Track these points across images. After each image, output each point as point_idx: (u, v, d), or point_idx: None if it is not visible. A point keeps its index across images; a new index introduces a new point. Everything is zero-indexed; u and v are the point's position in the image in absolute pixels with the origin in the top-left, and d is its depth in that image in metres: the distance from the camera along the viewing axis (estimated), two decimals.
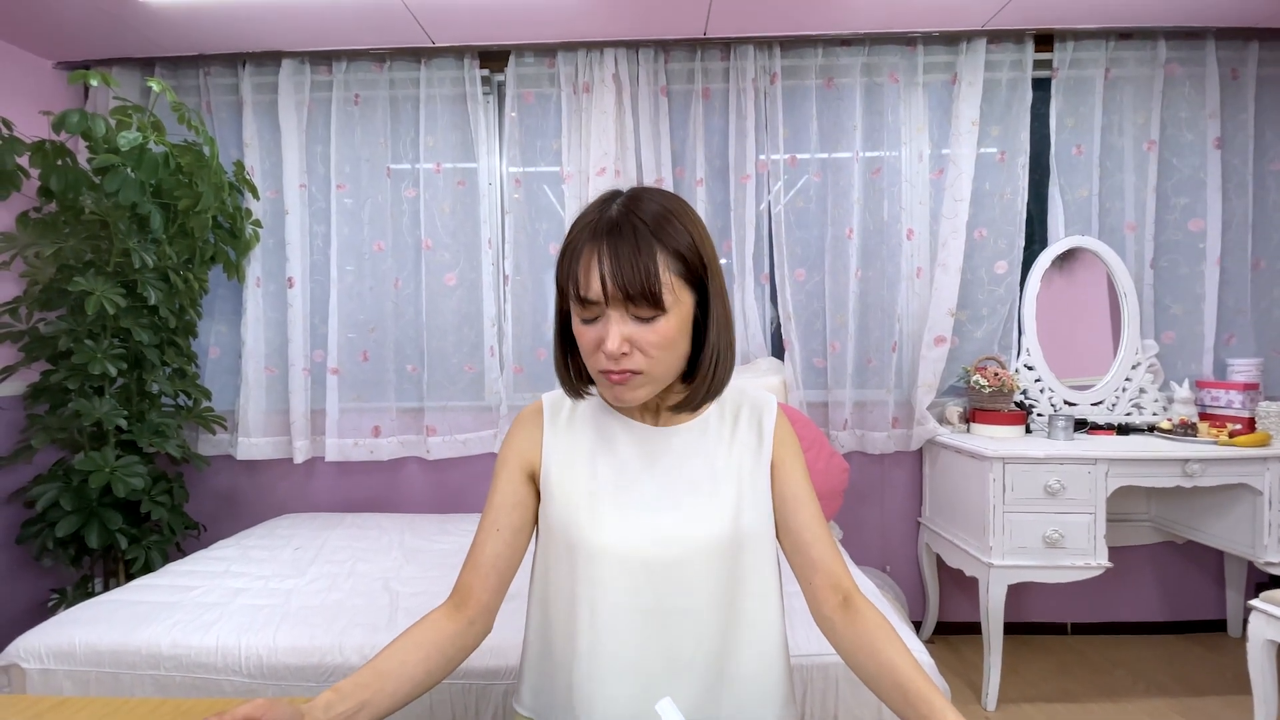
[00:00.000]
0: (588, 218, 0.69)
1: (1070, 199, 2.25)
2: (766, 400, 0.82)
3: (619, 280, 0.64)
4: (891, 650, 0.66)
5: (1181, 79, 2.23)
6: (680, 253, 0.67)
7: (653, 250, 0.65)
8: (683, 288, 0.68)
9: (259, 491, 2.43)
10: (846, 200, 2.26)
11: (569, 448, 0.78)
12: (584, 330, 0.69)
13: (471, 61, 2.31)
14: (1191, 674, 2.07)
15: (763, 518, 0.76)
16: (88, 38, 2.19)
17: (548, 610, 0.77)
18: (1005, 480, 1.84)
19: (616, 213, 0.67)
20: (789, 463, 0.78)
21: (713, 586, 0.72)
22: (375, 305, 2.35)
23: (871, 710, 1.26)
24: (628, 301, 0.65)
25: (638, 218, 0.66)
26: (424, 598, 1.54)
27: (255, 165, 2.34)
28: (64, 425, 1.93)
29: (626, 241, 0.65)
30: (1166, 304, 2.25)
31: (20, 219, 1.97)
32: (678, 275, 0.67)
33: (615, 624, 0.71)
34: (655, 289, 0.64)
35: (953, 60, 2.24)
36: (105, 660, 1.33)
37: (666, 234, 0.66)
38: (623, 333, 0.66)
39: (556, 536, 0.75)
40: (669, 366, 0.70)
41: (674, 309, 0.67)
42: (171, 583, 1.64)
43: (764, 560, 0.76)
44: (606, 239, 0.65)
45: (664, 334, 0.67)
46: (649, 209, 0.67)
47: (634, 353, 0.67)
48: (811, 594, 0.74)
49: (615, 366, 0.67)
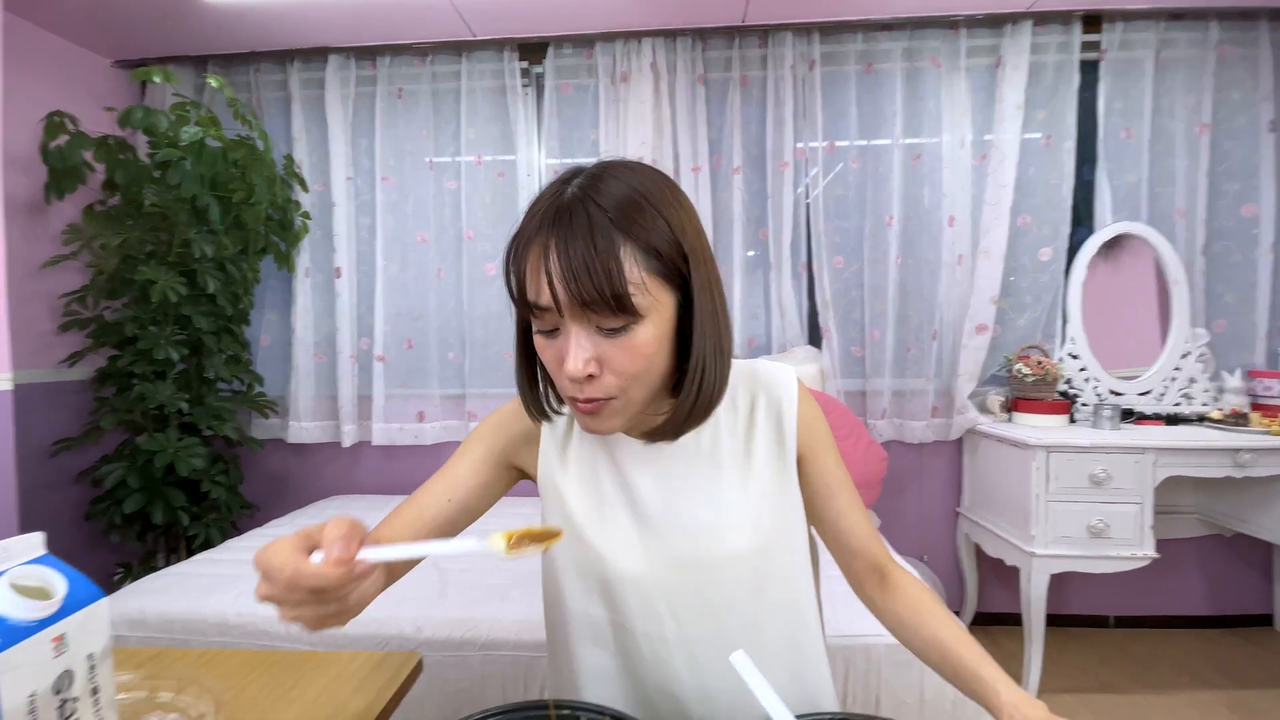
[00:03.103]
0: (539, 203, 0.55)
1: (1118, 184, 2.20)
2: (784, 381, 0.70)
3: (571, 285, 0.50)
4: (937, 625, 0.63)
5: (1234, 61, 2.16)
6: (653, 246, 0.53)
7: (614, 244, 0.51)
8: (660, 287, 0.55)
9: (308, 474, 2.52)
10: (886, 187, 2.24)
11: (571, 458, 0.69)
12: (543, 344, 0.57)
13: (511, 54, 2.34)
14: (1237, 667, 2.03)
15: (791, 518, 0.69)
16: (145, 36, 2.27)
17: (566, 627, 0.70)
18: (1049, 469, 1.82)
19: (571, 196, 0.53)
20: (818, 450, 0.70)
21: (739, 593, 0.65)
22: (419, 295, 2.41)
23: (914, 691, 1.27)
24: (587, 310, 0.52)
25: (595, 203, 0.52)
26: (471, 574, 1.59)
27: (303, 159, 2.41)
28: (129, 408, 2.02)
29: (579, 233, 0.51)
30: (1218, 291, 2.19)
31: (86, 211, 2.07)
32: (652, 273, 0.54)
33: (638, 643, 0.65)
34: (620, 291, 0.51)
35: (997, 43, 2.20)
36: (176, 628, 1.41)
37: (634, 223, 0.53)
38: (586, 351, 0.53)
39: (564, 554, 0.68)
40: (649, 386, 0.58)
41: (651, 315, 0.54)
42: (233, 557, 1.73)
43: (795, 556, 0.69)
44: (555, 230, 0.52)
45: (638, 349, 0.54)
46: (612, 191, 0.53)
47: (603, 374, 0.55)
48: (853, 578, 0.73)
49: (581, 394, 0.55)
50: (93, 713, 0.45)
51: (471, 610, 1.39)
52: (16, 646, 0.39)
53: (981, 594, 2.34)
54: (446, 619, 1.37)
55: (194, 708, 0.63)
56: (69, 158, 1.97)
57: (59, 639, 0.42)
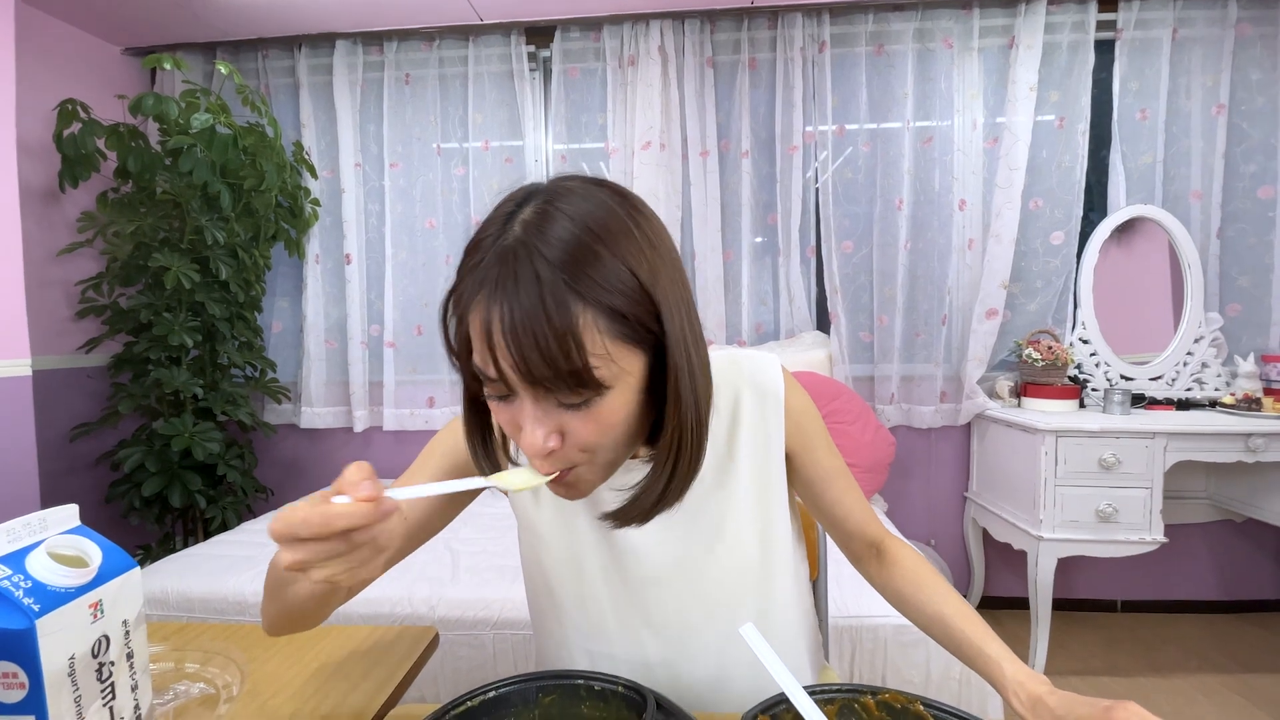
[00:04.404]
0: (485, 238, 0.46)
1: (1132, 166, 2.18)
2: (770, 374, 0.65)
3: (521, 365, 0.43)
4: (938, 601, 0.64)
5: (1253, 39, 2.12)
6: (613, 308, 0.45)
7: (569, 313, 0.43)
8: (627, 353, 0.47)
9: (321, 458, 2.56)
10: (896, 171, 2.23)
11: (540, 494, 0.66)
12: (497, 407, 0.49)
13: (518, 38, 2.33)
14: (1247, 652, 2.03)
15: (778, 519, 0.67)
16: (154, 23, 2.28)
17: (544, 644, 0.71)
18: (1058, 453, 1.82)
19: (515, 240, 0.44)
20: (808, 443, 0.67)
21: (720, 617, 0.65)
22: (428, 281, 2.43)
23: (920, 670, 1.29)
24: (541, 386, 0.45)
25: (544, 257, 0.43)
26: (482, 556, 1.62)
27: (312, 145, 2.42)
28: (146, 393, 2.06)
29: (527, 300, 0.42)
30: (1233, 275, 2.17)
31: (100, 199, 2.09)
32: (617, 339, 0.46)
33: (616, 670, 0.62)
34: (578, 367, 0.44)
35: (1010, 23, 2.17)
36: (196, 606, 1.45)
37: (591, 281, 0.44)
38: (545, 425, 0.47)
39: (539, 585, 0.69)
40: (620, 448, 0.51)
41: (617, 384, 0.47)
42: (249, 539, 1.76)
43: (778, 565, 0.67)
44: (499, 294, 0.43)
45: (603, 419, 0.47)
46: (563, 237, 0.44)
47: (565, 445, 0.48)
48: (851, 555, 0.74)
49: (543, 471, 0.49)
50: (128, 675, 0.47)
51: (483, 590, 1.42)
52: (56, 611, 0.41)
53: (988, 578, 2.35)
54: (460, 599, 1.40)
55: (219, 678, 0.66)
56: (82, 145, 1.98)
57: (95, 605, 0.44)
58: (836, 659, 1.29)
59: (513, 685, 0.54)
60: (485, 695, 0.52)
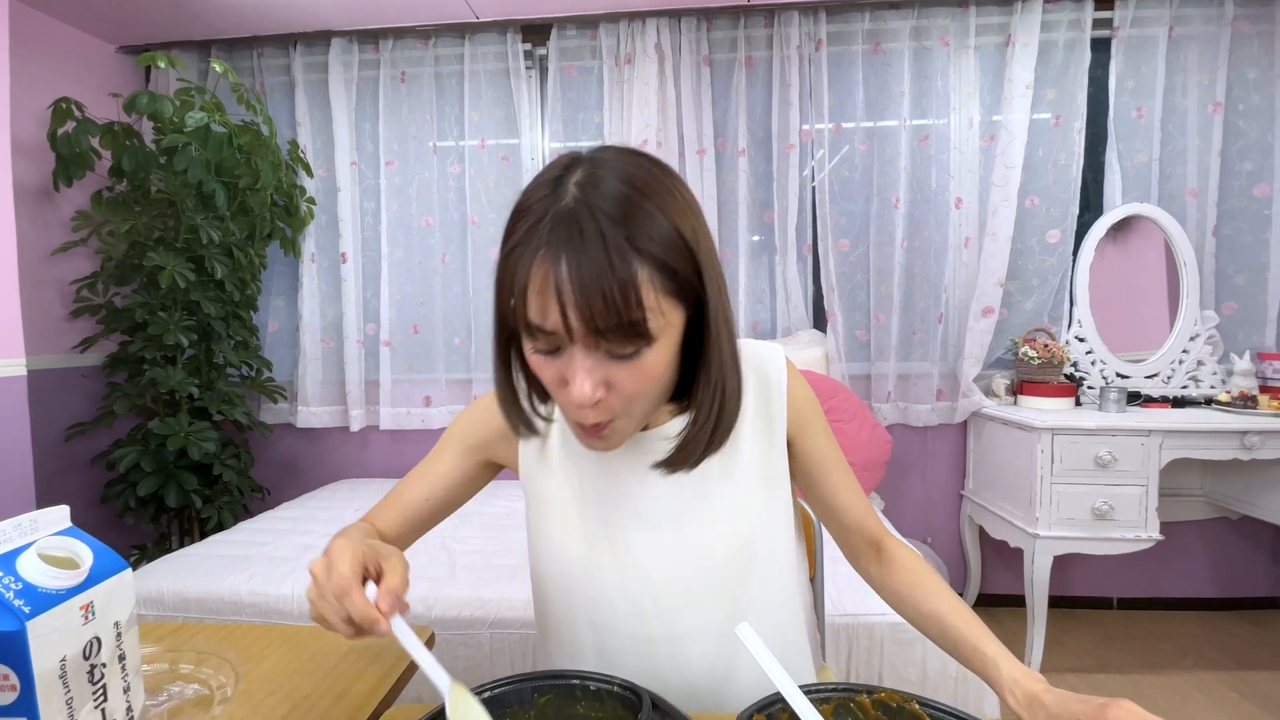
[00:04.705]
0: (534, 204, 0.49)
1: (1129, 164, 2.18)
2: (774, 361, 0.68)
3: (585, 312, 0.46)
4: (935, 599, 0.63)
5: (1249, 37, 2.12)
6: (665, 262, 0.49)
7: (631, 266, 0.46)
8: (673, 307, 0.51)
9: (317, 458, 2.55)
10: (893, 169, 2.23)
11: (551, 463, 0.68)
12: (541, 363, 0.52)
13: (514, 36, 2.33)
14: (1242, 649, 2.04)
15: (780, 507, 0.68)
16: (148, 21, 2.27)
17: (547, 604, 0.71)
18: (1054, 451, 1.83)
19: (574, 201, 0.48)
20: (808, 431, 0.68)
21: (723, 595, 0.65)
22: (424, 280, 2.42)
23: (916, 669, 1.29)
24: (599, 336, 0.48)
25: (605, 214, 0.47)
26: (479, 555, 1.61)
27: (307, 144, 2.41)
28: (141, 392, 2.05)
29: (592, 253, 0.46)
30: (1228, 273, 2.18)
31: (94, 198, 2.08)
32: (666, 293, 0.49)
33: (619, 646, 0.66)
34: (636, 318, 0.47)
35: (1007, 21, 2.17)
36: (191, 606, 1.44)
37: (643, 234, 0.47)
38: (595, 376, 0.50)
39: (545, 557, 0.69)
40: (653, 402, 0.56)
41: (662, 336, 0.50)
42: (246, 539, 1.76)
43: (780, 550, 0.68)
44: (565, 247, 0.46)
45: (647, 371, 0.51)
46: (611, 191, 0.48)
47: (609, 396, 0.51)
48: (849, 551, 0.73)
49: (587, 420, 0.53)
50: (120, 678, 0.47)
51: (480, 590, 1.42)
52: (47, 613, 0.41)
53: (985, 575, 2.36)
54: (457, 598, 1.39)
55: (214, 679, 0.65)
56: (76, 144, 1.97)
57: (87, 607, 0.44)
58: (833, 658, 1.29)
59: (508, 685, 0.54)
60: (480, 695, 0.52)
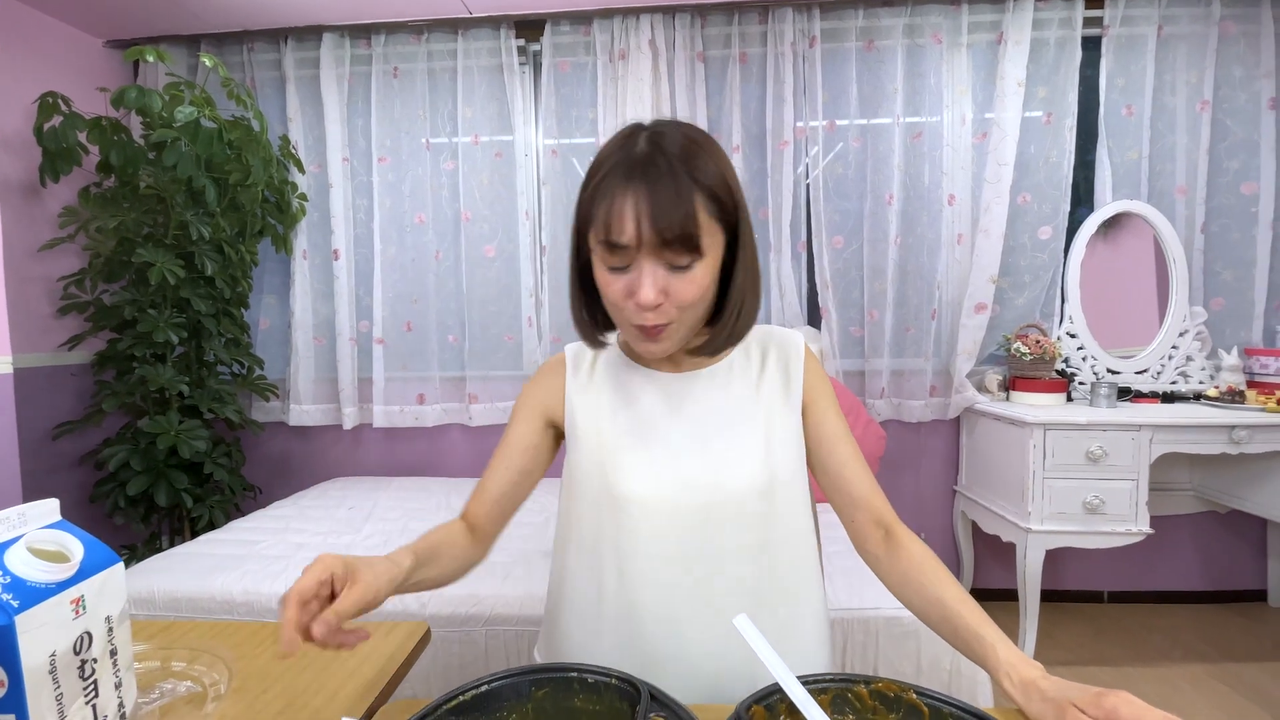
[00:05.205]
0: (611, 156, 0.64)
1: (1119, 162, 2.20)
2: (794, 339, 0.79)
3: (657, 224, 0.59)
4: (938, 585, 0.65)
5: (1236, 37, 2.14)
6: (714, 191, 0.62)
7: (690, 189, 0.60)
8: (716, 229, 0.64)
9: (310, 456, 2.53)
10: (886, 166, 2.23)
11: (593, 398, 0.76)
12: (610, 279, 0.65)
13: (508, 31, 2.31)
14: (1230, 641, 2.07)
15: (794, 460, 0.73)
16: (137, 15, 2.24)
17: (571, 559, 0.75)
18: (1046, 446, 1.84)
19: (646, 149, 0.62)
20: (821, 403, 0.75)
21: (744, 531, 0.70)
22: (417, 277, 2.41)
23: (911, 661, 1.29)
24: (663, 248, 0.61)
25: (672, 155, 0.61)
26: None
27: (299, 140, 2.39)
28: (130, 391, 2.03)
29: (663, 180, 0.60)
30: (1216, 270, 2.20)
31: (82, 194, 2.05)
32: (713, 217, 0.63)
33: (644, 571, 0.69)
34: (693, 232, 0.60)
35: (999, 19, 2.18)
36: (183, 606, 1.43)
37: (699, 169, 0.61)
38: (658, 283, 0.62)
39: (582, 486, 0.74)
40: (700, 315, 0.68)
41: (709, 253, 0.63)
42: (237, 538, 1.74)
43: (797, 504, 0.73)
44: (643, 178, 0.60)
45: (699, 283, 0.63)
46: (675, 141, 0.63)
47: (666, 304, 0.63)
48: (854, 531, 0.74)
49: (649, 322, 0.64)
50: (111, 673, 0.46)
51: (475, 587, 1.41)
52: (36, 607, 0.40)
53: (977, 570, 2.37)
54: (451, 595, 1.39)
55: (206, 676, 0.65)
56: (64, 139, 1.95)
57: (77, 601, 0.43)
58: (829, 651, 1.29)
59: (505, 679, 0.54)
60: (478, 689, 0.52)
